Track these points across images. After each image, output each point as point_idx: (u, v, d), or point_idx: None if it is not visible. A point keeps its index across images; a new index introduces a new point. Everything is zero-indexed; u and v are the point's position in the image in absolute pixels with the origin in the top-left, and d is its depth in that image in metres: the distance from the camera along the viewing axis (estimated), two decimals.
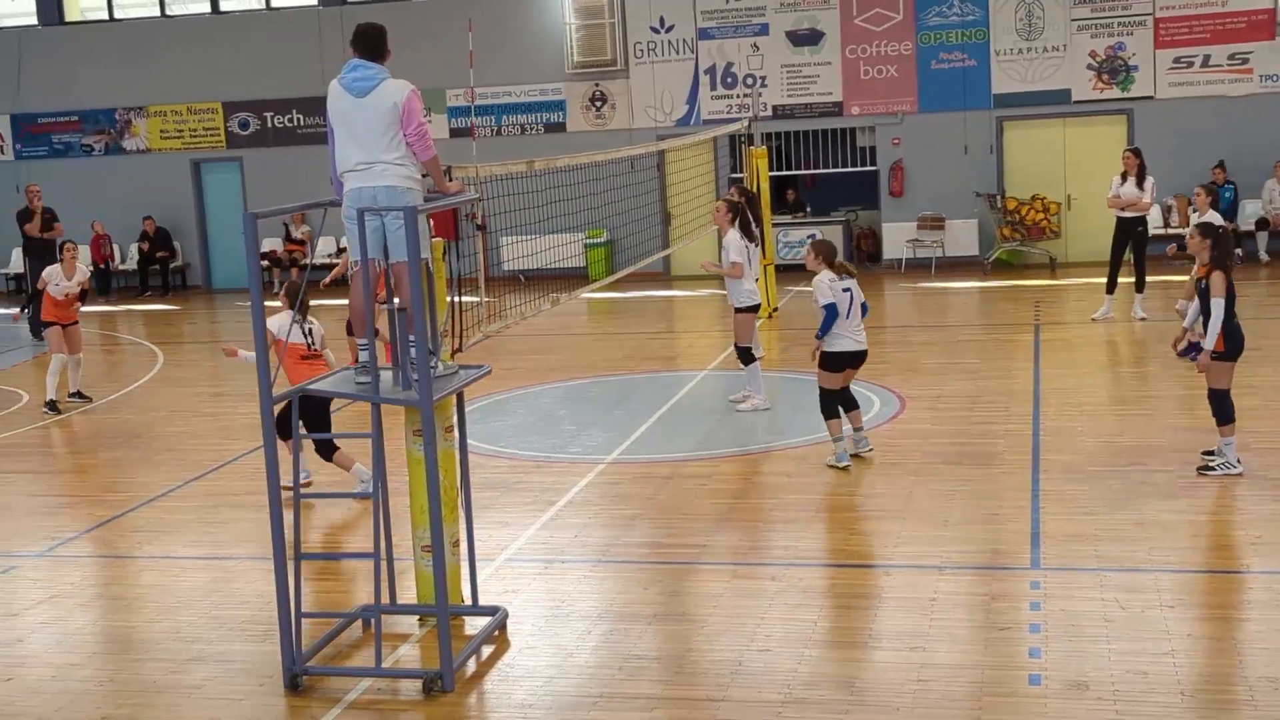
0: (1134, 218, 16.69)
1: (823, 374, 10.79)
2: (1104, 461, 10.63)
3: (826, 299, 10.56)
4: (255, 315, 7.11)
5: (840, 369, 10.79)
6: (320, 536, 10.01)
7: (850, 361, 10.83)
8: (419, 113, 7.39)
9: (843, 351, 10.72)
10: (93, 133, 26.34)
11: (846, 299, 10.64)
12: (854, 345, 10.75)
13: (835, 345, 10.69)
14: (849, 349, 10.74)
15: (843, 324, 10.63)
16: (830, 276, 10.63)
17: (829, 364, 10.74)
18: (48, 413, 14.53)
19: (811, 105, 23.48)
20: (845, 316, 10.63)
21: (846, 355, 10.76)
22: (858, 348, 10.79)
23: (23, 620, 8.54)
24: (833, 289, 10.58)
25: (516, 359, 16.20)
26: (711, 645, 7.50)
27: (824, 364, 10.76)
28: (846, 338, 10.71)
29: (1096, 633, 7.31)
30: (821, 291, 10.59)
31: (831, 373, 10.75)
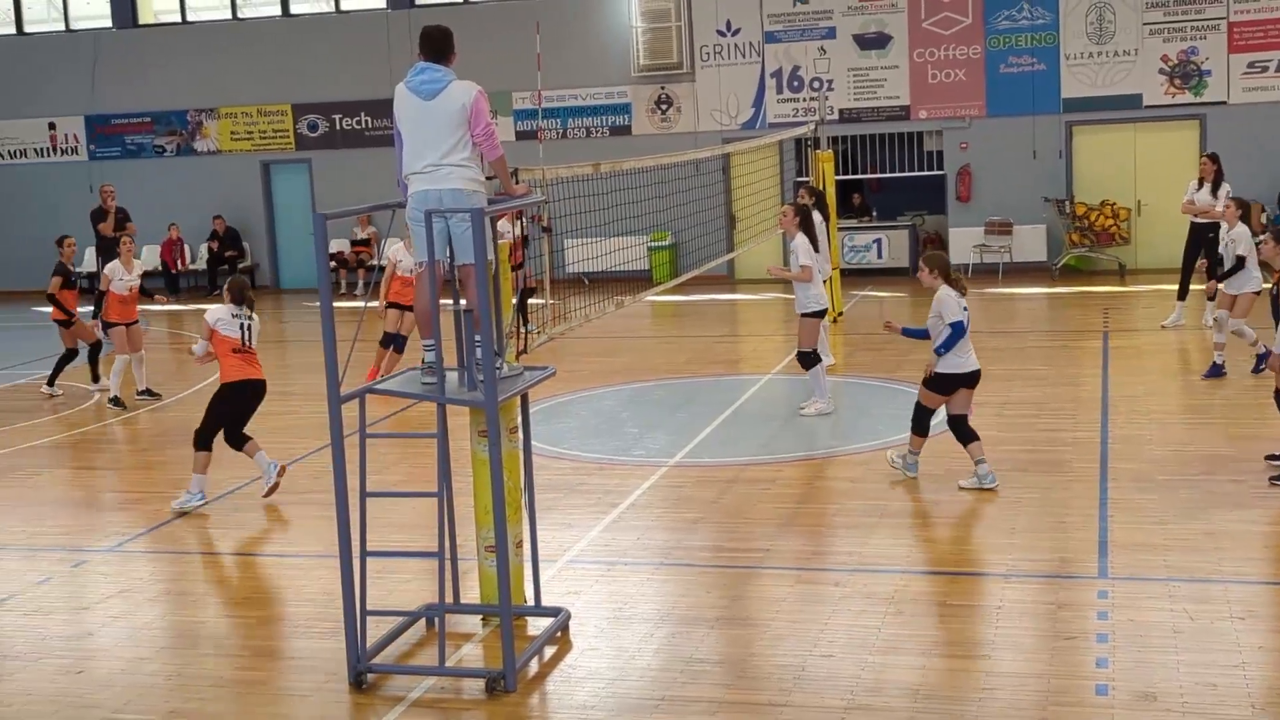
0: (1207, 224, 16.48)
1: (928, 393, 10.21)
2: (1173, 470, 10.50)
3: (955, 316, 9.95)
4: (324, 315, 7.17)
5: (950, 391, 10.14)
6: (384, 535, 10.07)
7: (964, 382, 10.16)
8: (486, 113, 7.43)
9: (956, 373, 10.09)
10: (165, 134, 26.71)
11: (966, 317, 10.08)
12: (969, 365, 10.12)
13: (950, 366, 10.06)
14: (964, 369, 10.11)
15: (961, 342, 10.04)
16: (953, 292, 10.02)
17: (939, 385, 10.13)
18: (113, 407, 14.76)
19: (878, 109, 23.37)
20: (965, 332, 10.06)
21: (960, 376, 10.11)
22: (973, 367, 10.16)
23: (93, 614, 8.66)
24: (959, 305, 9.98)
25: (580, 361, 16.24)
26: (774, 650, 7.48)
27: (933, 384, 10.14)
28: (963, 356, 10.10)
29: (1165, 643, 7.21)
30: (949, 309, 9.97)
31: (939, 394, 10.16)
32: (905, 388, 14.06)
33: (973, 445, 10.17)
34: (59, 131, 27.18)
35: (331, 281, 17.82)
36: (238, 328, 10.89)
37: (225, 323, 10.84)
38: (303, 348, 19.37)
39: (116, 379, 15.01)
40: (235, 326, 10.88)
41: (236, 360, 10.87)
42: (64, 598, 9.00)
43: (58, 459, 12.86)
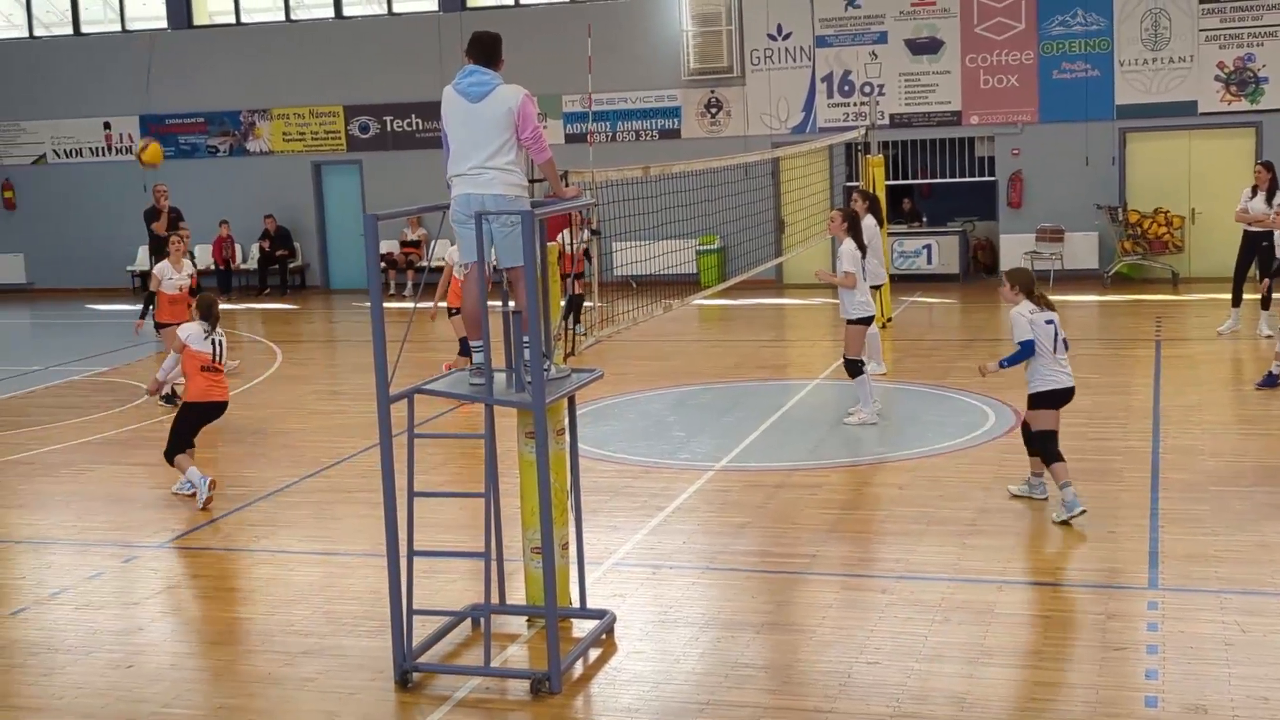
0: (1261, 232, 16.33)
1: (1040, 414, 9.77)
2: (1226, 481, 10.38)
3: (1024, 335, 9.62)
4: (374, 316, 7.21)
5: (1057, 406, 9.79)
6: (431, 535, 10.11)
7: (1064, 399, 9.82)
8: (534, 116, 7.44)
9: (1056, 389, 9.72)
10: (218, 134, 26.95)
11: (1050, 332, 9.67)
12: (1067, 381, 9.76)
13: (1047, 383, 9.69)
14: (1062, 385, 9.73)
15: (1049, 360, 9.67)
16: (1030, 308, 9.71)
17: (1044, 403, 9.76)
18: (163, 404, 14.86)
19: (930, 114, 23.26)
20: (1053, 352, 9.67)
21: (1060, 393, 9.75)
22: (1070, 383, 9.80)
23: (143, 609, 8.75)
24: (1033, 324, 9.65)
25: (627, 364, 16.25)
26: (820, 656, 7.45)
27: (1040, 403, 9.76)
28: (1058, 373, 9.72)
29: (1216, 656, 7.13)
30: (1020, 327, 9.65)
31: (1049, 410, 9.76)
32: (953, 394, 13.99)
33: (1036, 458, 9.94)
34: (114, 131, 27.47)
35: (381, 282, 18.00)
36: (209, 344, 11.14)
37: (196, 339, 11.12)
38: (352, 348, 19.49)
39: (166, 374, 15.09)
40: (206, 343, 11.13)
41: (204, 380, 11.15)
42: (114, 592, 9.09)
43: (110, 455, 12.99)
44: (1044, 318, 9.72)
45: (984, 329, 19.01)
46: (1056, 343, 9.69)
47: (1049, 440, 9.71)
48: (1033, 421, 9.81)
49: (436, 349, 16.97)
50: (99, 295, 26.72)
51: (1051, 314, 9.77)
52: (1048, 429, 9.73)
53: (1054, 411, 9.75)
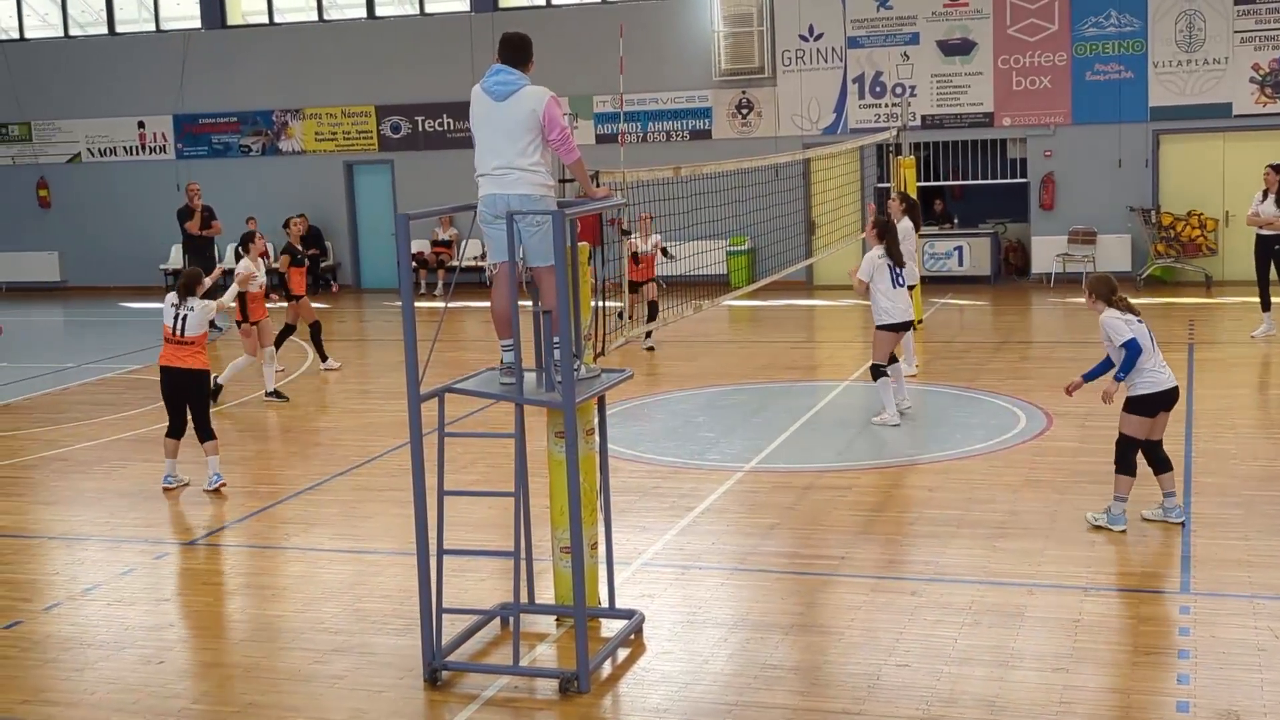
0: (1274, 235, 16.32)
1: (1131, 419, 9.33)
2: (1259, 485, 10.31)
3: (1124, 336, 9.18)
4: (405, 315, 7.24)
5: (1154, 412, 9.35)
6: (461, 534, 10.13)
7: (1164, 401, 9.37)
8: (560, 118, 7.45)
9: (1156, 391, 9.28)
10: (250, 133, 27.08)
11: (1145, 330, 9.29)
12: (1169, 381, 9.31)
13: (1149, 385, 9.26)
14: (1166, 386, 9.30)
15: (1149, 358, 9.24)
16: (1116, 312, 9.29)
17: (1141, 407, 9.30)
18: (271, 399, 15.18)
19: (961, 115, 23.17)
20: (1152, 348, 9.28)
21: (1160, 395, 9.31)
22: (1170, 385, 9.33)
23: (172, 605, 8.80)
24: (1128, 324, 9.24)
25: (657, 364, 16.25)
26: (848, 658, 7.43)
27: (1134, 408, 9.32)
28: (1159, 373, 9.29)
29: (1248, 661, 7.08)
30: (1116, 330, 9.22)
31: (1143, 417, 9.33)
32: (984, 396, 13.94)
33: (1165, 476, 9.47)
34: (148, 130, 27.64)
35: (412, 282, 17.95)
36: (172, 317, 11.46)
37: (165, 311, 11.54)
38: (383, 347, 19.55)
39: (270, 368, 15.39)
40: (170, 315, 11.49)
41: (168, 348, 11.50)
42: (146, 589, 9.15)
43: (142, 452, 13.06)
44: (1134, 318, 9.33)
45: (1015, 331, 18.93)
46: (1153, 340, 9.34)
47: (1129, 448, 9.33)
48: (1122, 425, 9.38)
49: (467, 348, 17.02)
50: (133, 293, 26.89)
51: (1139, 316, 9.41)
52: (1133, 436, 9.33)
53: (1147, 419, 9.32)
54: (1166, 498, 9.49)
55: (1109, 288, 9.45)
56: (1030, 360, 16.53)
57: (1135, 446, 9.36)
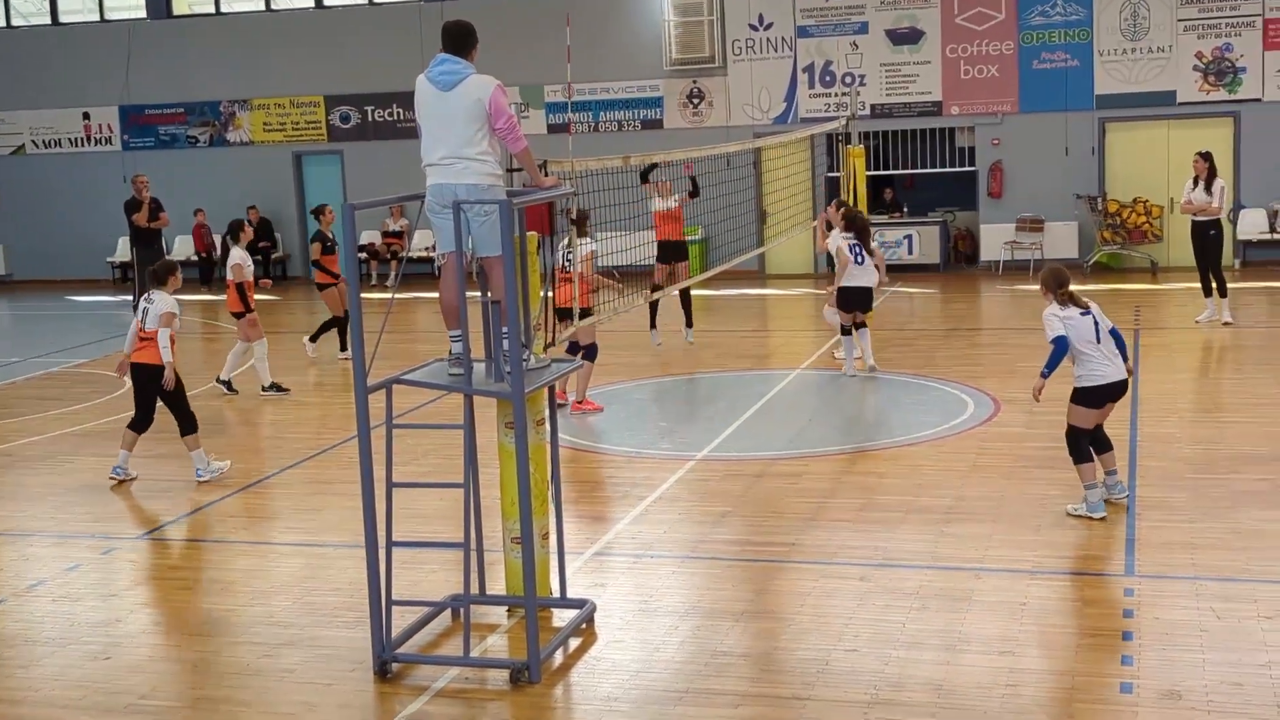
0: (1207, 221, 16.58)
1: (1077, 410, 9.39)
2: (1202, 469, 10.44)
3: (1053, 333, 9.29)
4: (352, 306, 7.21)
5: (1100, 404, 9.42)
6: (412, 526, 10.11)
7: (1110, 394, 9.43)
8: (506, 107, 7.42)
9: (1103, 384, 9.35)
10: (198, 124, 26.87)
11: (1087, 324, 9.31)
12: (1114, 375, 9.36)
13: (1091, 379, 9.34)
14: (1111, 379, 9.35)
15: (1093, 352, 9.30)
16: (1055, 309, 9.37)
17: (1087, 399, 9.37)
18: (269, 393, 14.97)
19: (910, 104, 23.30)
20: (1096, 341, 9.30)
21: (1106, 388, 9.37)
22: (1119, 377, 9.40)
23: (121, 601, 8.74)
24: (1064, 320, 9.31)
25: (608, 354, 16.23)
26: (798, 644, 7.48)
27: (1081, 399, 9.38)
28: (1104, 366, 9.33)
29: (1191, 642, 7.18)
30: (1049, 326, 9.34)
31: (1088, 408, 9.39)
32: (933, 383, 14.04)
33: (1106, 455, 9.55)
34: (93, 122, 27.37)
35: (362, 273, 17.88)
36: (141, 312, 11.42)
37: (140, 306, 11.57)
38: (333, 339, 19.43)
39: (263, 365, 15.07)
40: (141, 310, 11.44)
41: (137, 343, 11.37)
42: (93, 584, 9.08)
43: (90, 447, 12.95)
44: (1077, 312, 9.37)
45: (963, 319, 19.07)
46: (1099, 333, 9.34)
47: (1079, 438, 9.39)
48: (1069, 416, 9.45)
49: (418, 339, 16.96)
50: (79, 286, 26.64)
51: (1085, 309, 9.39)
52: (1080, 426, 9.39)
53: (1093, 410, 9.38)
54: (1109, 475, 9.59)
55: (1056, 280, 9.47)
56: (979, 347, 16.67)
57: (1084, 435, 9.43)
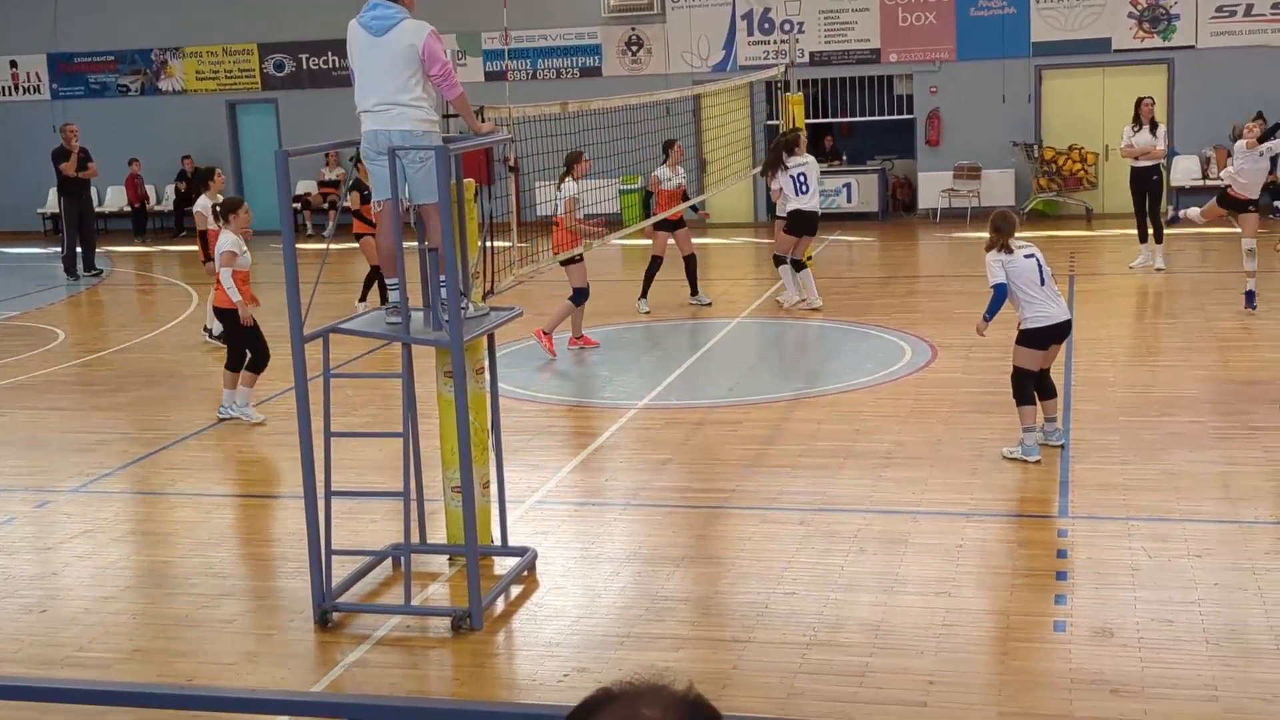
0: (1150, 167, 16.60)
1: (1023, 352, 9.49)
2: (1135, 412, 10.60)
3: (993, 279, 9.40)
4: (286, 255, 7.14)
5: (1045, 345, 9.50)
6: (352, 476, 10.07)
7: (1054, 335, 9.51)
8: (440, 53, 7.35)
9: (1046, 325, 9.42)
10: (129, 73, 26.40)
11: (1031, 266, 9.36)
12: (1059, 315, 9.44)
13: (1035, 320, 9.40)
14: (1055, 320, 9.42)
15: (1037, 294, 9.37)
16: (995, 255, 9.42)
17: (1031, 340, 9.45)
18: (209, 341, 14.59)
19: (849, 52, 23.28)
20: (1040, 284, 9.36)
21: (1051, 329, 9.44)
22: (1060, 319, 9.45)
23: (57, 554, 8.66)
24: (1004, 265, 9.37)
25: (549, 304, 16.20)
26: (738, 588, 7.54)
27: (1025, 340, 9.47)
28: (1048, 306, 9.39)
29: (1123, 581, 7.31)
30: (990, 271, 9.44)
31: (1033, 349, 9.47)
32: (871, 330, 14.12)
33: (1049, 402, 9.69)
34: (20, 70, 26.81)
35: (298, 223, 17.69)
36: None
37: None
38: (269, 290, 19.20)
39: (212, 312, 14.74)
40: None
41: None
42: (28, 538, 8.99)
43: (24, 399, 12.79)
44: (1022, 253, 9.43)
45: (901, 266, 19.18)
46: (1043, 275, 9.39)
47: (1024, 380, 9.49)
48: (1014, 358, 9.57)
49: (356, 290, 16.82)
50: (9, 238, 26.19)
51: (1028, 248, 9.47)
52: (1024, 368, 9.49)
53: (1038, 351, 9.49)
54: (1048, 422, 9.71)
55: (997, 224, 9.59)
56: (916, 294, 16.77)
57: (1029, 377, 9.53)
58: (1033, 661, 6.47)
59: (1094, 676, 6.25)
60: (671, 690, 2.03)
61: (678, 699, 2.02)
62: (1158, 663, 6.35)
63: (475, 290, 7.94)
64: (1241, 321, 12.81)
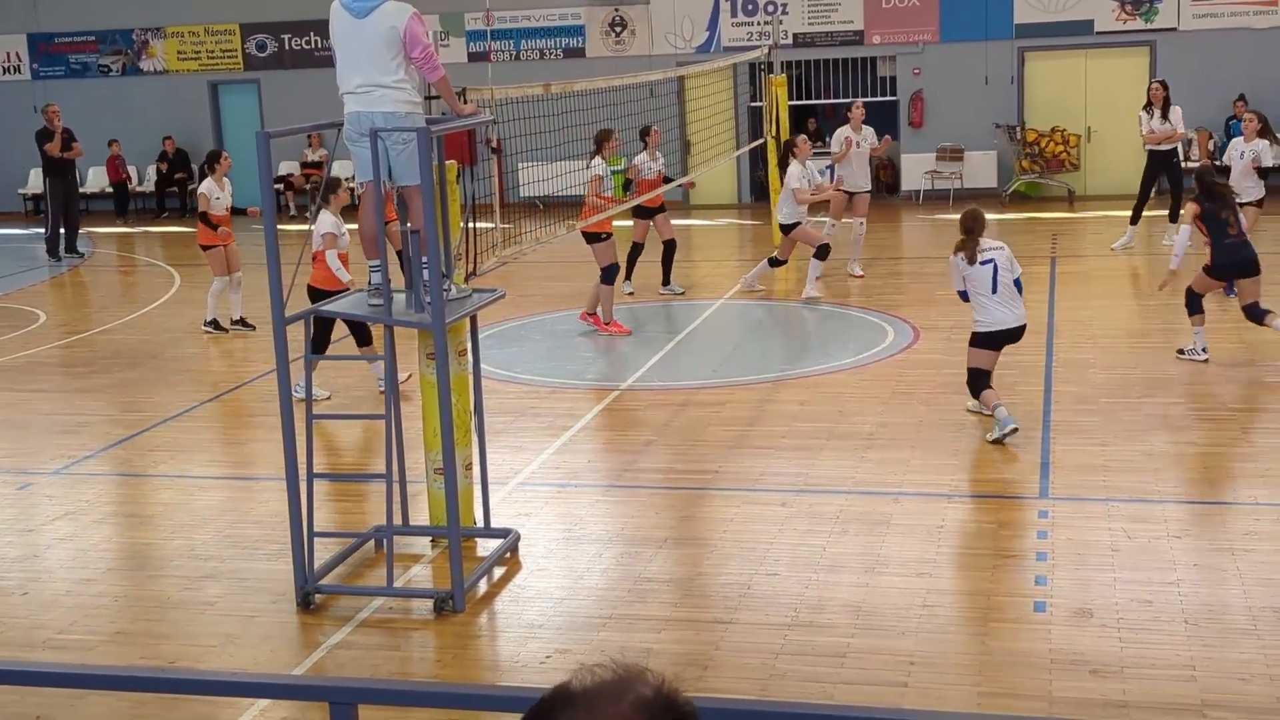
0: (1169, 150, 16.53)
1: (975, 353, 9.74)
2: (1116, 393, 10.64)
3: (955, 285, 9.73)
4: (268, 236, 7.12)
5: (998, 347, 9.74)
6: (336, 458, 10.08)
7: (1007, 338, 9.72)
8: (422, 36, 7.33)
9: (997, 331, 9.62)
10: (110, 53, 26.24)
11: (985, 273, 9.52)
12: (1009, 321, 9.62)
13: (984, 325, 9.63)
14: (1006, 325, 9.61)
15: (987, 301, 9.57)
16: (958, 258, 9.62)
17: (984, 342, 9.69)
18: (210, 331, 14.30)
19: (832, 33, 23.26)
20: (991, 292, 9.54)
21: (1002, 334, 9.65)
22: (1016, 323, 9.65)
23: (39, 536, 8.65)
24: (964, 271, 9.59)
25: (532, 285, 16.20)
26: (721, 569, 7.57)
27: (977, 342, 9.72)
28: (997, 312, 9.58)
29: (1103, 561, 7.35)
30: (951, 275, 9.79)
31: (986, 350, 9.72)
32: (854, 311, 14.15)
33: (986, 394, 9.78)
34: (0, 50, 26.64)
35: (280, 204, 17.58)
36: None
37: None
38: (252, 271, 19.15)
39: (214, 300, 14.43)
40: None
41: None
42: (9, 520, 8.97)
43: (6, 381, 12.74)
44: (982, 258, 9.55)
45: (884, 248, 19.19)
46: (995, 283, 9.52)
47: (979, 378, 9.68)
48: (969, 359, 9.79)
49: None
50: None
51: (989, 254, 9.57)
52: (977, 367, 9.70)
53: (987, 352, 9.68)
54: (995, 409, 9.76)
55: (967, 227, 9.71)
56: (899, 276, 16.81)
57: (984, 376, 9.71)
58: (1013, 642, 6.50)
59: (1073, 657, 6.29)
60: (638, 688, 1.76)
61: (643, 702, 1.75)
62: (1137, 643, 6.39)
63: (458, 272, 7.93)
64: (1220, 303, 12.84)
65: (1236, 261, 11.30)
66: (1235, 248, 11.27)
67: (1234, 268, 11.38)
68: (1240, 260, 11.29)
